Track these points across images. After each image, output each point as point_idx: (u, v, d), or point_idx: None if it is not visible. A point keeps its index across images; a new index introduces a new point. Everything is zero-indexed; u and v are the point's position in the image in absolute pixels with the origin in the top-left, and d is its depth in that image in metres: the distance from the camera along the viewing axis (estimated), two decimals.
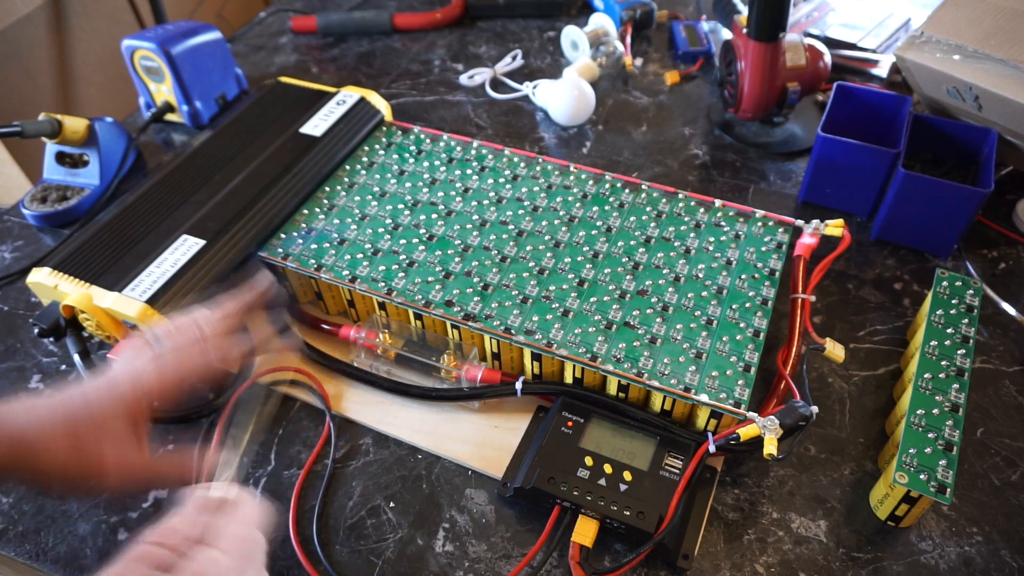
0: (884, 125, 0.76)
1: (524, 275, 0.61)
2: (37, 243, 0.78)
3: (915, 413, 0.52)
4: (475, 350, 0.60)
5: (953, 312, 0.58)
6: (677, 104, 0.92)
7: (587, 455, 0.53)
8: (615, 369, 0.54)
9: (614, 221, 0.66)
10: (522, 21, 1.08)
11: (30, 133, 0.74)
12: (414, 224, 0.67)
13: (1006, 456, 0.57)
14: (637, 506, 0.50)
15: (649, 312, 0.58)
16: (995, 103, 0.68)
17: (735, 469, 0.57)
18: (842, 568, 0.51)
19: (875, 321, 0.66)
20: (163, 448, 0.59)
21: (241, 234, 0.64)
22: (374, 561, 0.52)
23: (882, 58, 0.91)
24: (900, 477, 0.49)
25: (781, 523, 0.54)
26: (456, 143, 0.75)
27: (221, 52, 0.89)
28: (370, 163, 0.74)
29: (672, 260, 0.63)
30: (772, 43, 0.76)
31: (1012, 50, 0.66)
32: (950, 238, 0.69)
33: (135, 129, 0.89)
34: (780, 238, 0.65)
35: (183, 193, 0.68)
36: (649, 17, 1.01)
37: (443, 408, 0.61)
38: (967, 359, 0.55)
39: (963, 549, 0.52)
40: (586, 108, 0.87)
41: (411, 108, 0.93)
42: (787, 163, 0.83)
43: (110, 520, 0.55)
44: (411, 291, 0.61)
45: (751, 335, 0.57)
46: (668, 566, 0.51)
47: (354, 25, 1.06)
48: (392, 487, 0.57)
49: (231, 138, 0.74)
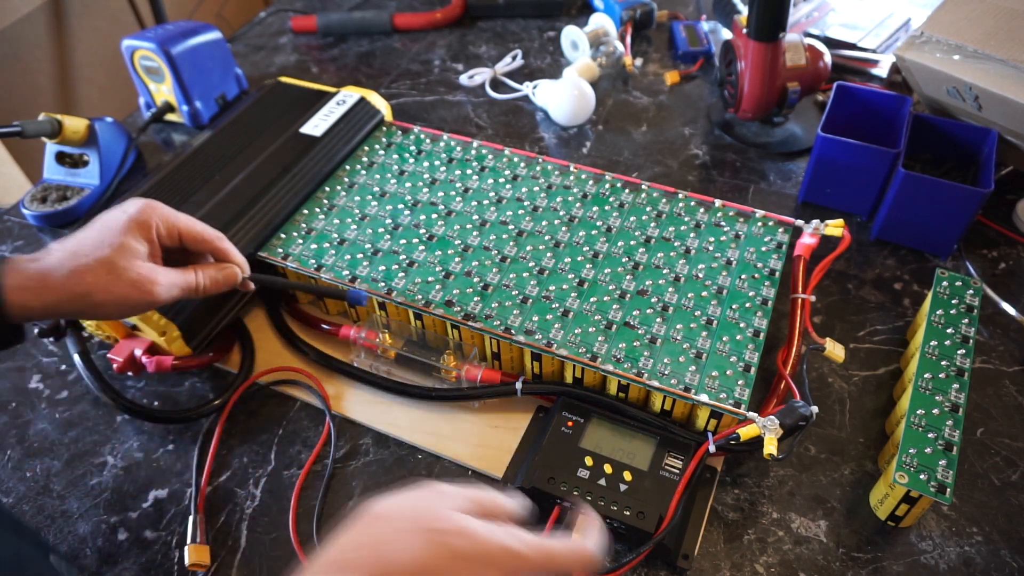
0: (884, 125, 0.76)
1: (524, 275, 0.61)
2: (37, 243, 0.78)
3: (915, 413, 0.52)
4: (475, 350, 0.60)
5: (953, 312, 0.58)
6: (677, 104, 0.92)
7: (587, 455, 0.53)
8: (615, 369, 0.54)
9: (614, 221, 0.66)
10: (522, 21, 1.08)
11: (30, 133, 0.74)
12: (414, 224, 0.67)
13: (1006, 456, 0.57)
14: (637, 506, 0.50)
15: (649, 312, 0.58)
16: (995, 103, 0.68)
17: (735, 469, 0.57)
18: (842, 568, 0.51)
19: (875, 321, 0.66)
20: (163, 448, 0.60)
21: (241, 234, 0.64)
22: None
23: (882, 58, 0.91)
24: (900, 477, 0.49)
25: (781, 523, 0.54)
26: (456, 143, 0.75)
27: (221, 52, 0.89)
28: (370, 163, 0.74)
29: (672, 260, 0.63)
30: (772, 43, 0.76)
31: (1012, 50, 0.66)
32: (950, 238, 0.69)
33: (135, 129, 0.89)
34: (780, 238, 0.65)
35: (183, 193, 0.68)
36: (649, 17, 1.01)
37: (443, 408, 0.61)
38: (967, 359, 0.55)
39: (963, 549, 0.52)
40: (586, 108, 0.87)
41: (411, 108, 0.93)
42: (787, 163, 0.83)
43: (110, 520, 0.55)
44: (411, 291, 0.61)
45: (751, 335, 0.57)
46: (668, 566, 0.51)
47: (354, 25, 1.06)
48: (392, 487, 0.56)
49: (231, 138, 0.74)
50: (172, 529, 0.55)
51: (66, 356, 0.66)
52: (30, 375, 0.65)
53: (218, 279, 0.53)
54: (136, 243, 0.48)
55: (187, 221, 0.52)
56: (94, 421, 0.62)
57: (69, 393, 0.64)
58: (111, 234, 0.47)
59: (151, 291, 0.48)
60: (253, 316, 0.68)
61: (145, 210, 0.49)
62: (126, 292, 0.47)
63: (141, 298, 0.48)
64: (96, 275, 0.46)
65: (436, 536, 0.34)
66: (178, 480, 0.57)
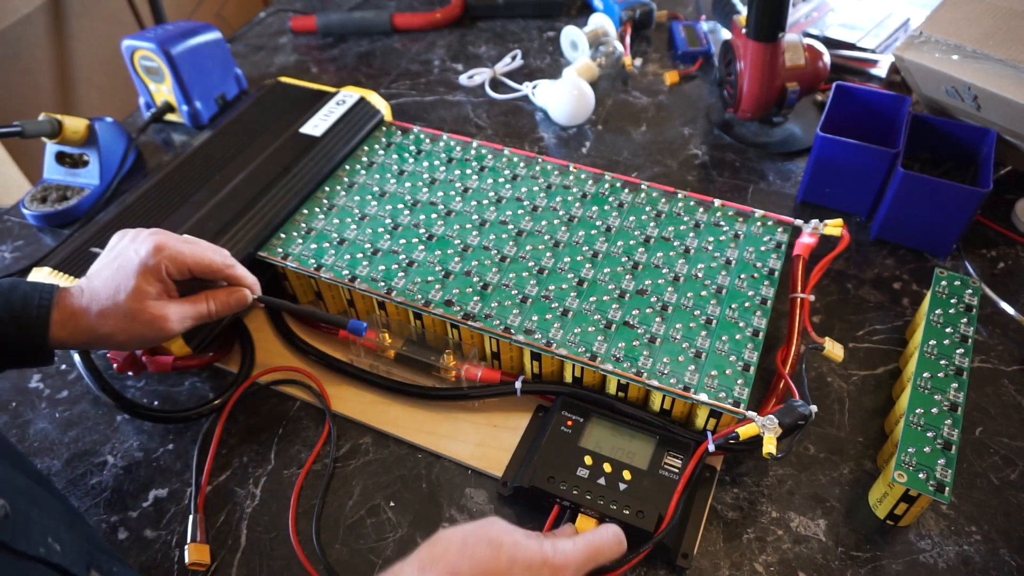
0: (883, 125, 0.76)
1: (524, 275, 0.62)
2: (37, 243, 0.78)
3: (914, 412, 0.52)
4: (475, 350, 0.60)
5: (952, 311, 0.59)
6: (676, 104, 0.92)
7: (587, 454, 0.53)
8: (614, 368, 0.55)
9: (613, 221, 0.67)
10: (522, 21, 1.09)
11: (30, 133, 0.75)
12: (414, 224, 0.67)
13: (1005, 455, 0.57)
14: (637, 505, 0.50)
15: (648, 312, 0.59)
16: (994, 103, 0.68)
17: (734, 468, 0.57)
18: (841, 567, 0.51)
19: (874, 320, 0.66)
20: (163, 448, 0.60)
21: (241, 234, 0.64)
22: (374, 560, 0.52)
23: (881, 58, 0.91)
24: (899, 476, 0.49)
25: (780, 522, 0.54)
26: (456, 143, 0.75)
27: (221, 52, 0.89)
28: (370, 163, 0.74)
29: (671, 260, 0.63)
30: (771, 43, 0.76)
31: (1011, 50, 0.66)
32: (949, 238, 0.69)
33: (135, 129, 0.90)
34: (779, 238, 0.65)
35: (183, 193, 0.68)
36: (648, 17, 1.01)
37: (443, 407, 0.61)
38: (966, 358, 0.55)
39: (962, 548, 0.52)
40: (586, 108, 0.87)
41: (411, 108, 0.93)
42: (786, 163, 0.83)
43: (110, 519, 0.55)
44: (411, 291, 0.61)
45: (750, 334, 0.57)
46: (667, 565, 0.52)
47: (354, 25, 1.06)
48: (392, 486, 0.57)
49: (231, 138, 0.74)
50: (172, 528, 0.55)
51: (66, 356, 0.66)
52: (30, 375, 0.65)
53: (229, 302, 0.56)
54: (147, 286, 0.52)
55: (194, 255, 0.54)
56: (94, 421, 0.62)
57: (69, 393, 0.64)
58: (125, 279, 0.51)
59: (164, 327, 0.52)
60: (253, 316, 0.68)
61: (154, 253, 0.52)
62: (142, 331, 0.52)
63: (156, 335, 0.53)
64: (116, 319, 0.51)
65: (496, 547, 0.42)
66: (178, 479, 0.58)
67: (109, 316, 0.51)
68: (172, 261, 0.52)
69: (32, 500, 0.42)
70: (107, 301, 0.51)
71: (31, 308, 0.50)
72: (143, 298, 0.51)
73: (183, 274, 0.54)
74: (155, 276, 0.52)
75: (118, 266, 0.52)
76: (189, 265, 0.53)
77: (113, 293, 0.51)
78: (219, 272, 0.55)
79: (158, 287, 0.52)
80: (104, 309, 0.51)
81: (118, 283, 0.51)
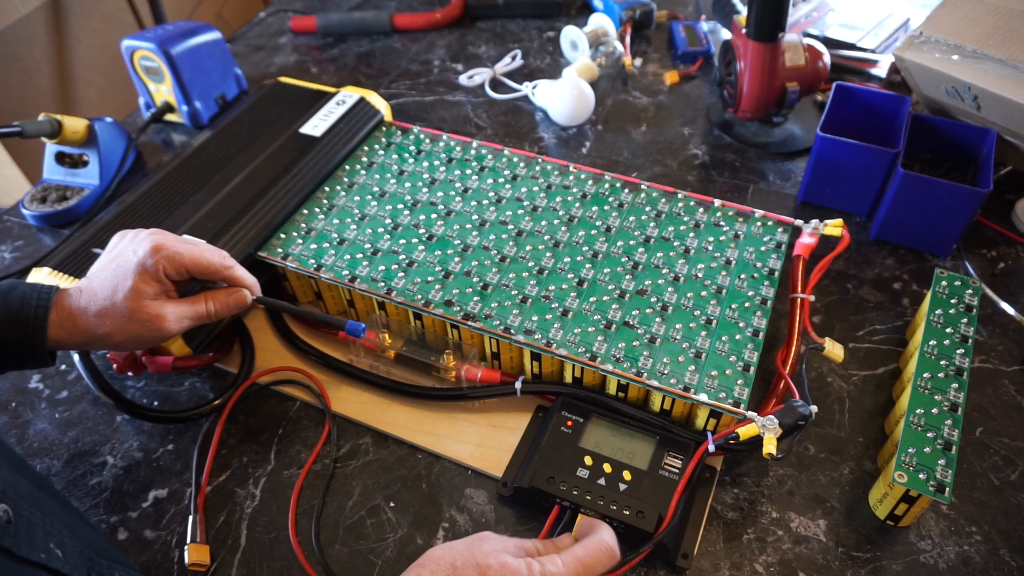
0: (883, 125, 0.76)
1: (524, 275, 0.62)
2: (37, 243, 0.78)
3: (914, 412, 0.52)
4: (474, 350, 0.60)
5: (952, 312, 0.59)
6: (676, 104, 0.92)
7: (587, 455, 0.53)
8: (614, 369, 0.55)
9: (613, 221, 0.67)
10: (522, 21, 1.08)
11: (30, 133, 0.74)
12: (414, 224, 0.67)
13: (1005, 455, 0.57)
14: (637, 505, 0.50)
15: (648, 312, 0.59)
16: (994, 103, 0.68)
17: (734, 469, 0.57)
18: (841, 567, 0.51)
19: (874, 321, 0.66)
20: (163, 448, 0.60)
21: (241, 234, 0.64)
22: (374, 561, 0.52)
23: (881, 58, 0.91)
24: (899, 476, 0.49)
25: (780, 522, 0.54)
26: (456, 143, 0.75)
27: (221, 52, 0.89)
28: (370, 163, 0.74)
29: (671, 260, 0.63)
30: (771, 43, 0.76)
31: (1011, 50, 0.66)
32: (949, 238, 0.69)
33: (135, 129, 0.90)
34: (779, 238, 0.65)
35: (183, 193, 0.68)
36: (648, 17, 1.01)
37: (443, 408, 0.61)
38: (966, 359, 0.55)
39: (962, 548, 0.52)
40: (585, 108, 0.87)
41: (411, 108, 0.93)
42: (786, 163, 0.83)
43: (110, 519, 0.55)
44: (411, 291, 0.61)
45: (750, 335, 0.57)
46: (667, 565, 0.52)
47: (354, 25, 1.06)
48: (392, 487, 0.57)
49: (231, 138, 0.74)
50: (172, 529, 0.55)
51: (66, 356, 0.66)
52: (30, 375, 0.65)
53: (228, 303, 0.56)
54: (145, 286, 0.52)
55: (193, 256, 0.54)
56: (94, 421, 0.62)
57: (69, 393, 0.64)
58: (123, 278, 0.51)
59: (161, 327, 0.52)
60: (253, 316, 0.68)
61: (151, 253, 0.52)
62: (140, 331, 0.52)
63: (154, 335, 0.53)
64: (113, 320, 0.51)
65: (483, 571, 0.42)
66: (178, 480, 0.57)
67: (107, 316, 0.51)
68: (170, 261, 0.52)
69: (35, 505, 0.42)
70: (105, 301, 0.51)
71: (29, 309, 0.50)
72: (140, 298, 0.51)
73: (181, 275, 0.54)
74: (152, 276, 0.52)
75: (116, 266, 0.52)
76: (187, 266, 0.53)
77: (111, 293, 0.51)
78: (218, 273, 0.55)
79: (156, 287, 0.52)
80: (102, 309, 0.51)
81: (116, 283, 0.51)
